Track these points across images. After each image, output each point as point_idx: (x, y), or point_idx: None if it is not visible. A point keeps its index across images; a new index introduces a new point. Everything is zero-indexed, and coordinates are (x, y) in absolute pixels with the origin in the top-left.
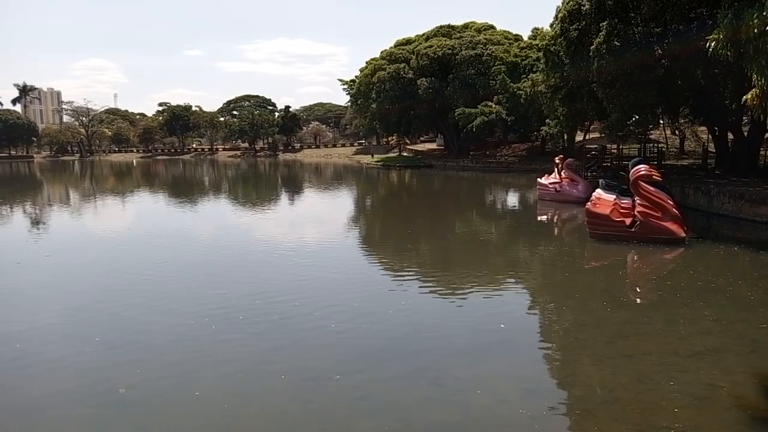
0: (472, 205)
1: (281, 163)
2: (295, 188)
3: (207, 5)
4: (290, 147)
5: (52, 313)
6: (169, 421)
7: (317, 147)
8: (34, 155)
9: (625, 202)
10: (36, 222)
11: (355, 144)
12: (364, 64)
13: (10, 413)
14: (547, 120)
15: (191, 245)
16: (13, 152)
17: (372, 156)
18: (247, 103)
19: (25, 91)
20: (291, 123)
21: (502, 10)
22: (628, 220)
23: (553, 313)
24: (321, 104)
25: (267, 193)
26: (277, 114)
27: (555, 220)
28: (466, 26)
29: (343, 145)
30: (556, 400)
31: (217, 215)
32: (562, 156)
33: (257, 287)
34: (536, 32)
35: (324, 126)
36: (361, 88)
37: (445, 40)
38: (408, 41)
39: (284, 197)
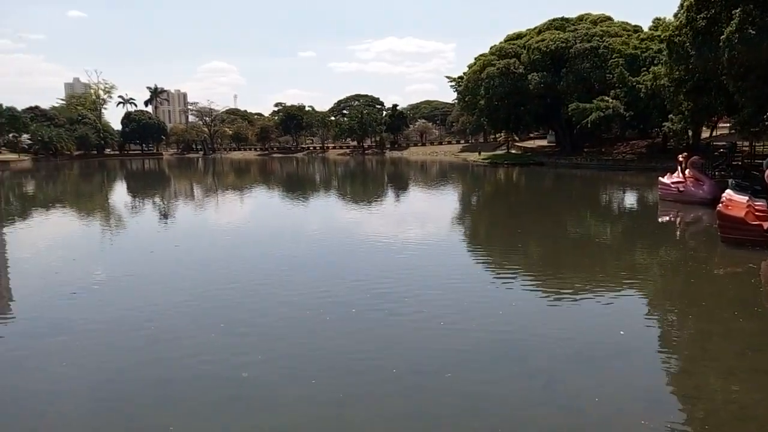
0: (586, 205)
1: (388, 160)
2: (400, 185)
3: (320, 8)
4: (397, 145)
5: (181, 299)
6: (287, 407)
7: (423, 145)
8: (163, 152)
9: (760, 204)
10: (166, 214)
11: (462, 141)
12: (472, 61)
13: (147, 394)
14: (670, 115)
15: (305, 239)
16: (145, 149)
17: (479, 153)
18: (356, 102)
19: (156, 93)
20: (398, 121)
21: (620, 0)
22: (765, 224)
23: (677, 321)
24: (428, 102)
25: (373, 190)
26: (384, 113)
27: (678, 222)
28: (581, 18)
29: (449, 143)
30: (680, 413)
31: (327, 211)
32: (686, 154)
33: (367, 282)
34: (658, 23)
35: (430, 123)
36: (469, 84)
37: (559, 33)
38: (519, 36)
39: (390, 194)
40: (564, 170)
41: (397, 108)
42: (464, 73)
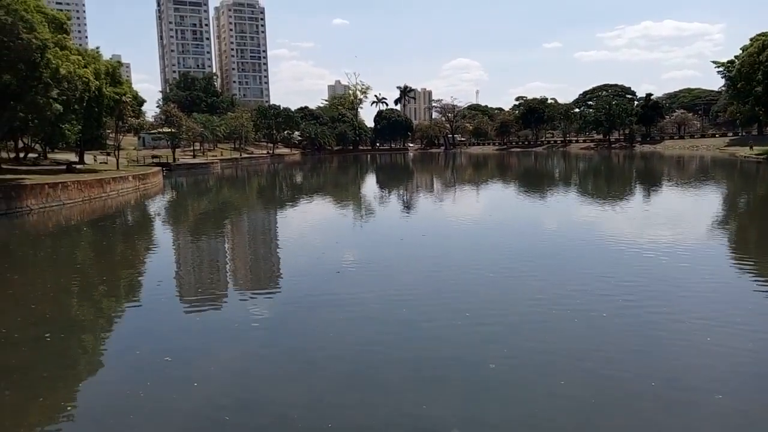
0: None
1: (637, 155)
2: (650, 182)
3: None
4: (649, 138)
5: (429, 285)
6: (533, 402)
7: (680, 138)
8: (408, 147)
9: None
10: (413, 205)
11: (729, 134)
12: (747, 42)
13: (397, 373)
14: None
15: (544, 234)
16: (393, 145)
17: (751, 148)
18: (604, 92)
19: (404, 92)
20: (651, 112)
21: None
22: None
23: None
24: (688, 90)
25: (619, 187)
26: (636, 103)
27: None
28: None
29: (713, 136)
30: None
31: (566, 207)
32: None
33: (616, 285)
34: None
35: (690, 114)
36: (743, 69)
37: None
38: None
39: (638, 192)
40: None
41: (651, 97)
42: (736, 57)
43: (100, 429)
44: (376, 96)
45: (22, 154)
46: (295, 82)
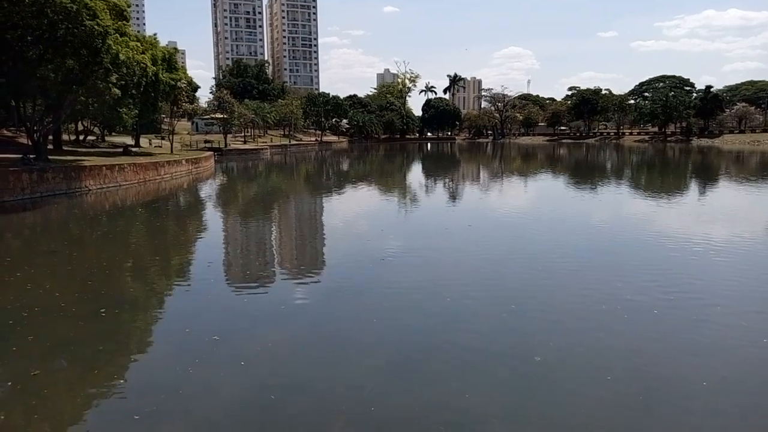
0: None
1: (694, 149)
2: (707, 178)
3: None
4: (706, 132)
5: (475, 276)
6: (579, 397)
7: (741, 132)
8: (456, 137)
9: None
10: (459, 195)
11: None
12: None
13: (439, 361)
14: None
15: (593, 229)
16: (440, 134)
17: None
18: (661, 84)
19: (454, 81)
20: (711, 105)
21: None
22: None
23: None
24: (751, 83)
25: (674, 182)
26: (694, 95)
27: None
28: None
29: None
30: None
31: (617, 202)
32: None
33: (668, 283)
34: None
35: (753, 107)
36: None
37: None
38: None
39: (693, 187)
40: None
41: (711, 90)
42: None
43: (151, 402)
44: (425, 84)
45: (81, 137)
46: (345, 69)
